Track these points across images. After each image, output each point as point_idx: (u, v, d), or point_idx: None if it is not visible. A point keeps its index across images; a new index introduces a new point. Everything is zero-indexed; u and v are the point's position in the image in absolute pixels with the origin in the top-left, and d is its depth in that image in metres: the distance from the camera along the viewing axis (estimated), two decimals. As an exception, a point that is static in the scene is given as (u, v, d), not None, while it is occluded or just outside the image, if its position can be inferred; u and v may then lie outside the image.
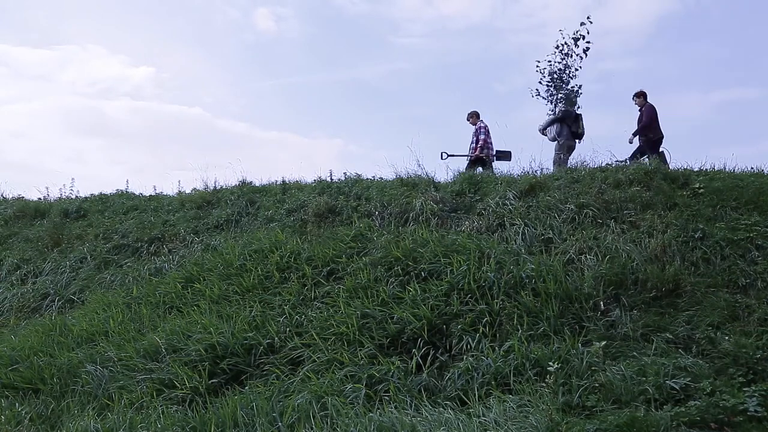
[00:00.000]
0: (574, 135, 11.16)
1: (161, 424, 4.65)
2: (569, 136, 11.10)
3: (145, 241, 9.53)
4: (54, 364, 6.10)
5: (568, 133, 11.11)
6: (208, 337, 5.75)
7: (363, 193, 9.13)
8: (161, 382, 5.41)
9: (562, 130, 11.16)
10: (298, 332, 5.79)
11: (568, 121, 11.22)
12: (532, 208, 7.46)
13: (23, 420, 5.26)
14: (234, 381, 5.40)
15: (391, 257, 6.63)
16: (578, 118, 11.29)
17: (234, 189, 10.77)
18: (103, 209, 11.33)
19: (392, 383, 4.79)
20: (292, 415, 4.48)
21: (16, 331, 7.54)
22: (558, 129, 11.21)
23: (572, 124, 11.21)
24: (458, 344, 5.26)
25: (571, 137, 11.13)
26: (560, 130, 11.18)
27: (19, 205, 12.23)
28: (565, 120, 11.24)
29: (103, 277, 8.84)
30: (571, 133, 11.14)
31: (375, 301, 5.91)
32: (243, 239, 8.33)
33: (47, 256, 9.92)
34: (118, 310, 7.07)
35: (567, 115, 11.36)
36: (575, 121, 11.23)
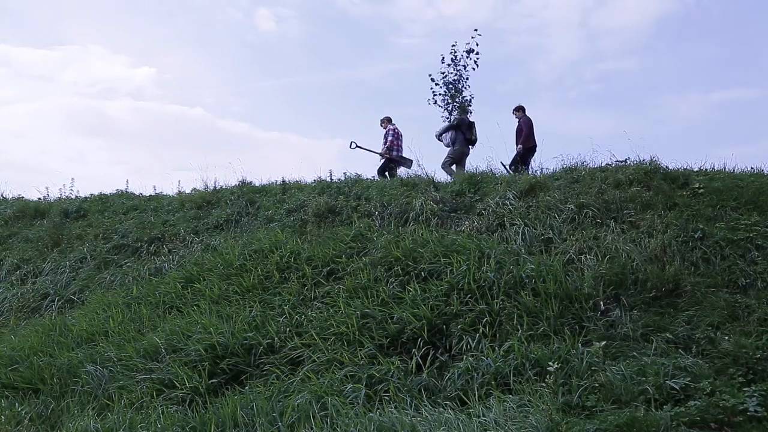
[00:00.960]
0: (468, 141, 11.81)
1: (161, 424, 4.65)
2: (463, 143, 11.75)
3: (145, 241, 9.53)
4: (54, 364, 6.10)
5: (462, 140, 11.75)
6: (208, 337, 5.75)
7: (363, 193, 9.13)
8: (161, 382, 5.41)
9: (457, 137, 11.80)
10: (298, 332, 5.79)
11: (463, 128, 11.88)
12: (532, 208, 7.46)
13: (23, 420, 5.26)
14: (234, 381, 5.40)
15: (391, 257, 6.64)
16: (471, 126, 12.00)
17: (234, 189, 10.77)
18: (103, 209, 11.32)
19: (392, 383, 4.79)
20: (292, 415, 4.48)
21: (16, 331, 7.53)
22: (453, 136, 11.83)
23: (466, 131, 11.88)
24: (458, 344, 5.26)
25: (464, 144, 11.79)
26: (455, 137, 11.80)
27: (19, 205, 12.22)
28: (460, 127, 11.88)
29: (103, 277, 8.84)
30: (465, 139, 11.78)
31: (375, 301, 5.91)
32: (243, 239, 8.33)
33: (47, 256, 9.92)
34: (118, 310, 7.07)
35: (461, 123, 11.98)
36: (469, 128, 11.92)
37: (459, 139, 11.81)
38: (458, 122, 12.14)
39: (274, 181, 11.03)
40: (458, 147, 11.76)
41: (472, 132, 11.93)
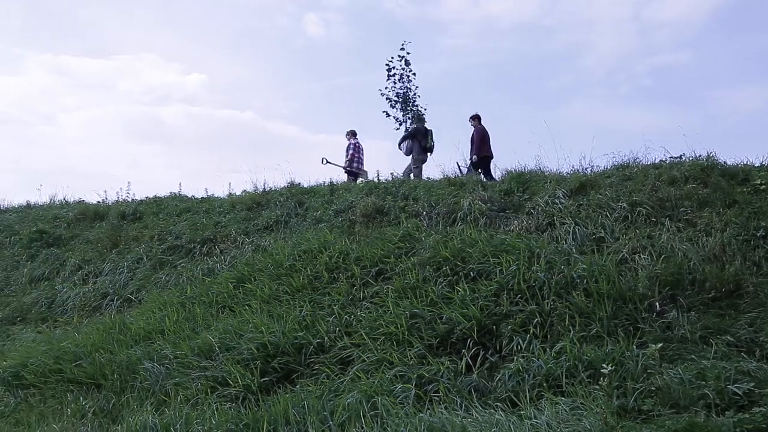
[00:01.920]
0: (424, 149, 12.46)
1: (216, 420, 4.75)
2: (420, 151, 12.41)
3: (198, 242, 9.77)
4: (114, 360, 6.32)
5: (419, 148, 12.41)
6: (259, 336, 5.85)
7: (410, 193, 9.13)
8: (215, 380, 5.53)
9: (414, 145, 12.45)
10: (348, 332, 5.83)
11: (419, 136, 12.54)
12: (583, 206, 7.32)
13: (87, 413, 5.47)
14: (285, 380, 5.48)
15: (439, 257, 6.62)
16: (427, 134, 12.61)
17: (283, 190, 10.95)
18: (157, 211, 11.67)
19: (442, 383, 4.78)
20: (343, 414, 4.51)
21: (79, 329, 7.83)
22: (410, 145, 12.49)
23: (422, 139, 12.51)
24: (508, 345, 5.20)
25: (421, 151, 12.43)
26: (412, 146, 12.46)
27: (80, 209, 12.73)
28: (416, 136, 12.56)
29: (158, 277, 9.11)
30: (421, 147, 12.42)
31: (424, 301, 5.90)
32: (292, 240, 8.45)
33: (106, 256, 10.29)
34: (173, 310, 7.26)
35: (417, 132, 12.69)
36: (424, 136, 12.55)
37: (416, 148, 12.42)
38: (414, 131, 12.78)
39: (322, 183, 11.18)
40: (416, 155, 12.36)
41: (427, 140, 12.49)
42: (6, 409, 5.99)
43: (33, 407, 5.89)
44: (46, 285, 10.05)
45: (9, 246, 11.91)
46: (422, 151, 12.48)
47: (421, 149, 12.47)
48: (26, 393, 6.29)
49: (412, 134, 12.76)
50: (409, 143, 12.60)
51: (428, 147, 12.51)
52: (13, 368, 6.67)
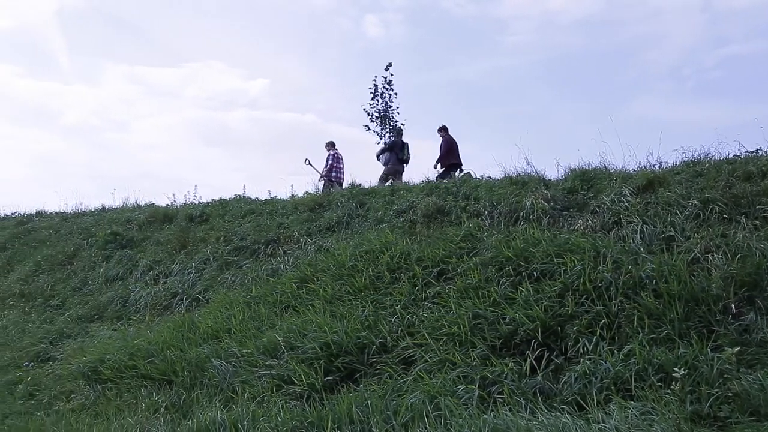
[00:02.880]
0: (401, 161, 13.55)
1: (281, 418, 4.85)
2: (396, 162, 13.48)
3: (262, 243, 9.99)
4: (184, 357, 6.54)
5: (395, 160, 13.49)
6: (322, 336, 5.94)
7: (471, 192, 9.05)
8: (280, 378, 5.65)
9: (390, 157, 13.57)
10: (410, 332, 5.84)
11: (395, 149, 13.66)
12: (651, 204, 7.07)
13: (160, 408, 5.69)
14: (348, 379, 5.54)
15: (501, 257, 6.54)
16: (404, 146, 13.75)
17: (344, 191, 11.06)
18: (223, 213, 12.00)
19: (506, 385, 4.72)
20: (406, 414, 4.53)
21: (151, 327, 8.16)
22: (387, 156, 13.63)
23: (398, 151, 13.61)
24: (574, 347, 5.09)
25: (397, 163, 13.50)
26: (389, 158, 13.58)
27: (151, 211, 13.25)
28: (393, 148, 13.70)
29: (224, 277, 9.37)
30: (397, 159, 13.51)
31: (486, 302, 5.85)
32: (354, 240, 8.52)
33: (175, 257, 10.66)
34: (239, 309, 7.46)
35: (394, 145, 13.85)
36: (401, 149, 13.66)
37: (392, 159, 13.55)
38: (391, 144, 14.03)
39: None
40: (391, 166, 13.50)
41: (403, 152, 13.62)
42: (86, 402, 6.31)
43: (110, 401, 6.18)
44: (120, 285, 10.51)
45: (86, 248, 12.52)
46: (398, 162, 13.57)
47: (397, 160, 13.57)
48: (104, 387, 6.60)
49: (390, 147, 13.93)
50: (387, 155, 13.77)
51: (404, 159, 13.65)
52: (92, 363, 7.02)
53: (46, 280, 11.72)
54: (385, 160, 13.75)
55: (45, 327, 9.53)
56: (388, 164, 13.60)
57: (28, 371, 7.73)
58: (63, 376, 7.24)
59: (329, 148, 14.12)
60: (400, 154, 13.66)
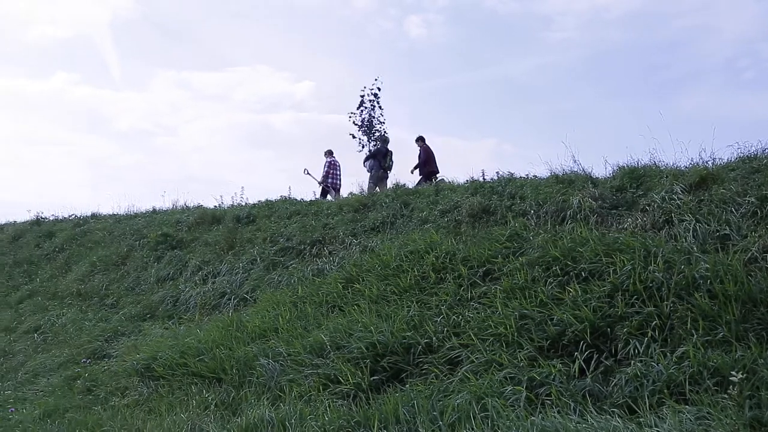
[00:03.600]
0: (383, 168, 14.40)
1: (328, 417, 4.89)
2: (379, 169, 14.34)
3: (308, 244, 10.10)
4: (233, 356, 6.66)
5: (378, 167, 14.36)
6: (368, 336, 5.97)
7: (517, 192, 8.95)
8: (327, 377, 5.70)
9: (374, 164, 14.40)
10: (456, 332, 5.82)
11: (379, 157, 14.54)
12: (704, 202, 6.86)
13: (210, 405, 5.81)
14: (394, 379, 5.55)
15: (548, 257, 6.44)
16: (386, 154, 14.61)
17: (388, 192, 11.09)
18: (269, 214, 12.19)
19: (554, 387, 4.64)
20: (453, 415, 4.51)
21: (200, 326, 8.35)
22: (372, 164, 14.46)
23: (381, 159, 14.47)
24: (624, 348, 4.97)
25: (381, 170, 14.36)
26: (373, 165, 14.42)
27: (199, 213, 13.55)
28: (377, 156, 14.60)
29: (271, 277, 9.51)
30: (380, 166, 14.37)
31: (533, 302, 5.77)
32: (399, 240, 8.53)
33: (223, 258, 10.88)
34: (285, 309, 7.56)
35: (378, 152, 14.78)
36: (384, 156, 14.53)
37: (375, 167, 14.39)
38: (375, 152, 14.95)
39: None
40: (374, 173, 14.30)
41: (386, 160, 14.51)
42: (140, 398, 6.50)
43: (163, 397, 6.35)
44: (171, 285, 10.79)
45: (138, 248, 12.90)
46: (381, 169, 14.43)
47: (380, 168, 14.42)
48: (156, 384, 6.78)
49: (374, 154, 14.82)
50: (371, 162, 14.56)
51: (387, 166, 14.52)
52: (145, 361, 7.23)
53: (101, 279, 12.13)
54: (369, 167, 14.58)
55: (101, 325, 9.86)
56: (372, 171, 14.44)
57: (85, 367, 8.02)
58: (118, 372, 7.47)
59: (327, 156, 15.02)
60: (383, 162, 14.49)
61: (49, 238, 15.85)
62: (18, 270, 14.46)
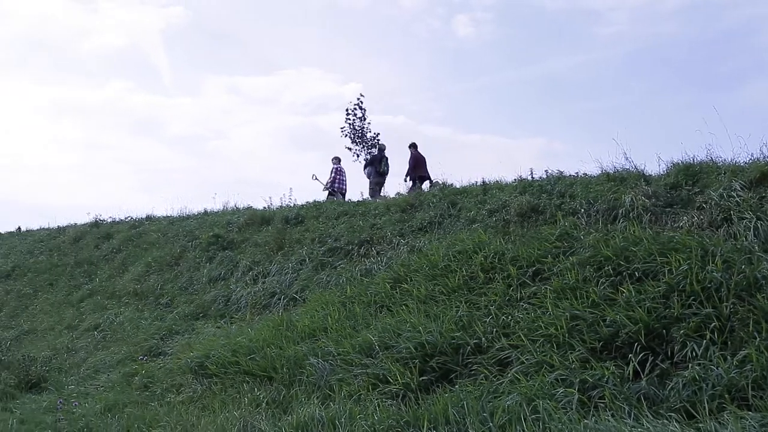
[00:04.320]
0: (380, 173, 15.48)
1: (377, 416, 4.91)
2: (376, 175, 15.47)
3: (356, 244, 10.17)
4: (283, 355, 6.75)
5: (375, 173, 15.48)
6: (417, 336, 5.96)
7: (566, 190, 8.80)
8: (376, 377, 5.72)
9: (372, 170, 15.55)
10: (505, 333, 5.75)
11: (375, 163, 15.68)
12: (766, 199, 6.60)
13: (261, 403, 5.91)
14: (443, 379, 5.53)
15: (600, 256, 6.31)
16: (382, 160, 15.66)
17: (435, 192, 11.06)
18: (317, 215, 12.32)
19: (607, 389, 4.54)
20: (503, 416, 4.46)
21: (251, 325, 8.50)
22: (369, 170, 15.65)
23: (377, 165, 15.56)
24: (681, 351, 4.82)
25: (377, 175, 15.47)
26: (371, 171, 15.59)
27: (249, 214, 13.81)
28: (373, 163, 15.79)
29: (320, 277, 9.61)
30: (377, 172, 15.46)
31: (585, 303, 5.66)
32: (446, 240, 8.50)
33: (273, 258, 11.06)
34: (334, 309, 7.63)
35: (374, 159, 16.00)
36: (380, 162, 15.60)
37: (373, 172, 15.52)
38: (371, 159, 16.20)
39: (474, 183, 11.13)
40: (373, 178, 15.45)
41: (381, 165, 15.54)
42: (194, 395, 6.66)
43: (216, 395, 6.49)
44: (222, 285, 11.03)
45: (191, 249, 13.24)
46: (378, 174, 15.47)
47: (377, 173, 15.47)
48: (210, 381, 6.94)
49: (371, 161, 16.06)
50: (370, 168, 15.71)
51: (383, 171, 15.53)
52: (199, 359, 7.40)
53: (156, 279, 12.50)
54: (368, 173, 15.73)
55: (156, 324, 10.17)
56: (371, 177, 15.56)
57: (142, 364, 8.27)
58: (173, 369, 7.68)
59: (334, 163, 16.14)
60: (379, 167, 15.55)
61: (107, 239, 16.43)
62: (79, 270, 15.04)
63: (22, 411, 7.14)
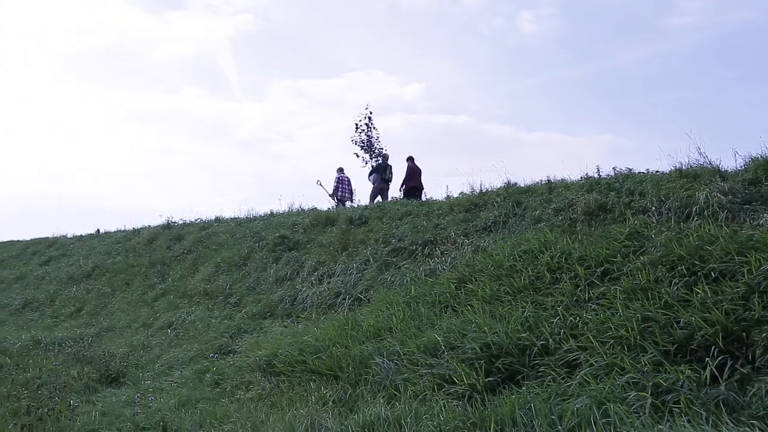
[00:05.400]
0: (384, 180, 17.00)
1: (443, 417, 4.90)
2: (380, 182, 16.99)
3: (419, 244, 10.17)
4: (348, 354, 6.83)
5: (380, 180, 17.01)
6: (482, 336, 5.91)
7: (636, 188, 8.54)
8: (441, 377, 5.70)
9: (377, 178, 17.08)
10: (573, 334, 5.63)
11: (380, 171, 17.23)
12: None
13: (328, 402, 6.00)
14: (510, 380, 5.46)
15: (673, 256, 6.08)
16: (386, 168, 17.26)
17: (499, 191, 10.94)
18: (381, 216, 12.40)
19: (682, 394, 4.37)
20: (572, 419, 4.37)
21: (317, 324, 8.64)
22: (374, 177, 17.18)
23: (382, 173, 17.11)
24: (763, 355, 4.58)
25: (382, 182, 16.99)
26: (375, 178, 17.11)
27: (314, 215, 14.04)
28: (378, 171, 17.31)
29: (384, 277, 9.67)
30: (381, 179, 16.99)
31: (657, 304, 5.47)
32: (511, 240, 8.40)
33: (337, 258, 11.20)
34: (399, 309, 7.66)
35: (379, 167, 17.56)
36: (384, 170, 17.17)
37: (378, 180, 17.00)
38: (377, 167, 17.82)
39: (539, 181, 10.95)
40: (377, 185, 16.95)
41: (386, 173, 17.08)
42: (263, 393, 6.83)
43: (284, 392, 6.64)
44: (289, 284, 11.26)
45: (258, 250, 13.57)
46: (383, 181, 16.98)
47: (382, 180, 16.96)
48: (277, 379, 7.10)
49: (375, 169, 17.59)
50: (374, 176, 17.22)
51: (387, 178, 17.04)
52: (267, 357, 7.58)
53: (225, 279, 12.88)
54: (373, 180, 17.15)
55: (225, 323, 10.48)
56: (375, 183, 17.00)
57: (213, 362, 8.55)
58: (242, 367, 7.89)
59: (338, 173, 17.69)
60: (383, 175, 17.05)
61: (179, 240, 17.06)
62: (153, 270, 15.68)
63: (104, 404, 7.51)
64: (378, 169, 17.47)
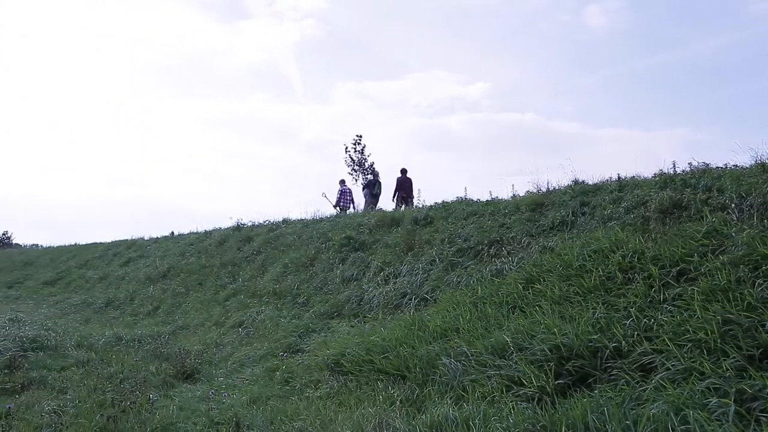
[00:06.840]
0: (373, 195, 19.78)
1: (512, 419, 4.82)
2: (370, 196, 19.77)
3: (485, 244, 10.06)
4: (415, 354, 6.83)
5: (370, 195, 19.80)
6: (551, 338, 5.79)
7: (714, 184, 8.15)
8: (509, 379, 5.62)
9: (368, 192, 19.91)
10: (648, 337, 5.43)
11: (370, 186, 20.16)
12: None
13: (395, 401, 6.02)
14: (581, 383, 5.32)
15: (756, 255, 5.78)
16: (375, 184, 20.20)
17: (566, 189, 10.68)
18: (446, 216, 12.34)
19: (769, 401, 4.15)
20: (648, 425, 4.21)
21: (384, 324, 8.68)
22: (366, 191, 20.05)
23: (372, 188, 20.00)
24: None
25: (371, 196, 19.74)
26: (367, 193, 19.93)
27: (379, 216, 14.14)
28: (369, 186, 20.30)
29: (450, 278, 9.62)
30: (371, 194, 19.80)
31: (739, 306, 5.20)
32: (580, 240, 8.19)
33: (403, 259, 11.22)
34: (465, 309, 7.60)
35: (369, 183, 20.64)
36: (373, 186, 20.10)
37: (368, 194, 19.87)
38: (367, 183, 21.03)
39: (609, 179, 10.61)
40: (368, 198, 19.69)
41: (375, 188, 19.98)
42: (331, 391, 6.92)
43: (351, 392, 6.70)
44: (355, 285, 11.37)
45: (325, 251, 13.78)
46: (372, 195, 19.72)
47: (371, 195, 19.74)
48: (345, 378, 7.18)
49: (367, 185, 20.64)
50: (366, 190, 20.10)
51: (375, 193, 19.81)
52: (334, 356, 7.68)
53: (293, 280, 13.14)
54: (365, 194, 20.04)
55: (294, 322, 10.69)
56: (366, 197, 19.76)
57: (282, 360, 8.73)
58: (311, 366, 8.02)
59: (340, 185, 20.60)
60: (372, 190, 19.93)
61: (248, 242, 17.54)
62: (224, 271, 16.18)
63: (180, 399, 7.80)
64: (369, 184, 20.51)
